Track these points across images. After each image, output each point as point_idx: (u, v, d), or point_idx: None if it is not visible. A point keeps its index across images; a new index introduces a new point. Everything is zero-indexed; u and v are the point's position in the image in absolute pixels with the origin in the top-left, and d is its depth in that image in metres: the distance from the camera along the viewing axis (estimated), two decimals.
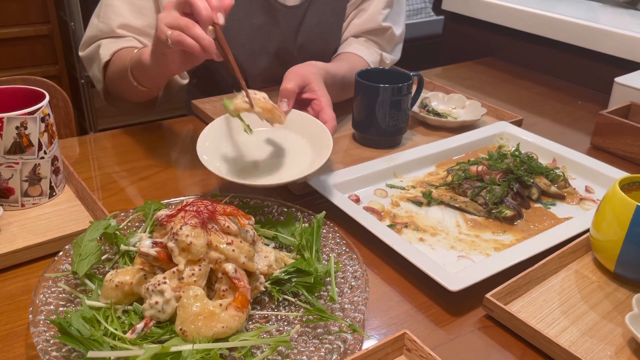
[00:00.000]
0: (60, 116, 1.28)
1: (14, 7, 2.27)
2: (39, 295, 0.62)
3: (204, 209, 0.64)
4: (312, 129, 0.91)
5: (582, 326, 0.65)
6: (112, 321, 0.59)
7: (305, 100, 0.97)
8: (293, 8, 1.18)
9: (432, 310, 0.69)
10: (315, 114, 0.95)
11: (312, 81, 0.96)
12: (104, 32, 1.05)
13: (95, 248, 0.66)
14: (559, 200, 0.91)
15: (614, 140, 1.10)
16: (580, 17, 1.51)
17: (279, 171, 0.86)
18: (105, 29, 1.05)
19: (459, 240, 0.80)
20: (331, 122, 0.92)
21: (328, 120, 0.92)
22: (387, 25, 1.26)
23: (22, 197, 0.81)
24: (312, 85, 0.96)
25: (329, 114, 0.93)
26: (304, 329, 0.61)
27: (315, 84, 0.96)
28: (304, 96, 0.96)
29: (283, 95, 0.93)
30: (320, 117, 0.93)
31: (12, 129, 0.76)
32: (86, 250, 0.65)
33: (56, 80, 2.38)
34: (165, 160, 1.01)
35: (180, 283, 0.60)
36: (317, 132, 0.90)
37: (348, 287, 0.67)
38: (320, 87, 0.96)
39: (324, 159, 0.82)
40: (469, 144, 1.05)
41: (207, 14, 0.77)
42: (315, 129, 0.90)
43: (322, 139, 0.88)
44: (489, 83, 1.49)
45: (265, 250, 0.68)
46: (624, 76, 1.23)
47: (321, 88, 0.96)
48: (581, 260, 0.77)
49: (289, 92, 0.92)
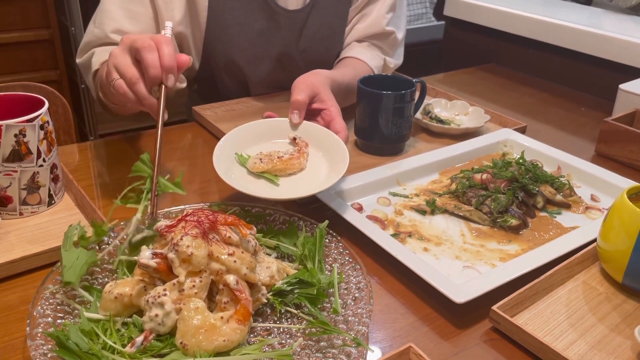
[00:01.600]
0: (59, 123, 1.27)
1: (14, 11, 2.26)
2: (37, 307, 0.60)
3: (204, 219, 0.63)
4: (327, 142, 0.90)
5: (591, 339, 0.64)
6: (111, 334, 0.58)
7: (315, 110, 0.96)
8: (295, 12, 1.18)
9: (437, 322, 0.67)
10: (326, 124, 0.94)
11: (321, 91, 0.96)
12: (99, 38, 1.04)
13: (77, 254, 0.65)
14: (565, 208, 0.90)
15: (619, 148, 1.08)
16: (584, 23, 1.51)
17: (296, 184, 0.85)
18: (100, 34, 1.04)
19: (464, 250, 0.79)
20: (343, 132, 0.92)
21: (340, 130, 0.92)
22: (390, 30, 1.25)
23: (20, 206, 0.80)
24: (322, 95, 0.95)
25: (340, 123, 0.93)
26: (306, 342, 0.60)
27: (325, 94, 0.96)
28: (313, 106, 0.96)
29: (294, 107, 0.92)
30: (331, 127, 0.92)
31: (11, 137, 0.75)
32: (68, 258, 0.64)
33: (56, 85, 2.38)
34: (166, 167, 1.00)
35: (180, 295, 0.59)
36: (333, 145, 0.89)
37: (352, 298, 0.65)
38: (330, 97, 0.96)
39: (340, 173, 0.82)
40: (473, 151, 1.04)
41: (155, 74, 0.74)
42: (331, 142, 0.90)
43: (338, 153, 0.87)
44: (492, 89, 1.48)
45: (267, 260, 0.67)
46: (628, 83, 1.22)
47: (330, 97, 0.96)
48: (588, 270, 0.75)
49: (301, 104, 0.92)
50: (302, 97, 0.92)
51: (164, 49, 0.74)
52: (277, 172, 0.86)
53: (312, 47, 1.23)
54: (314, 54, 1.24)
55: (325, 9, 1.21)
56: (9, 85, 1.19)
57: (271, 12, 1.16)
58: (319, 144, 0.90)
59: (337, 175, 0.82)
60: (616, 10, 1.70)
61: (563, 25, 1.52)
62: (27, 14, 2.29)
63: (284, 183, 0.85)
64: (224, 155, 0.86)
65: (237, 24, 1.14)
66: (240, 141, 0.90)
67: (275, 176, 0.85)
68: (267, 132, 0.92)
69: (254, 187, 0.83)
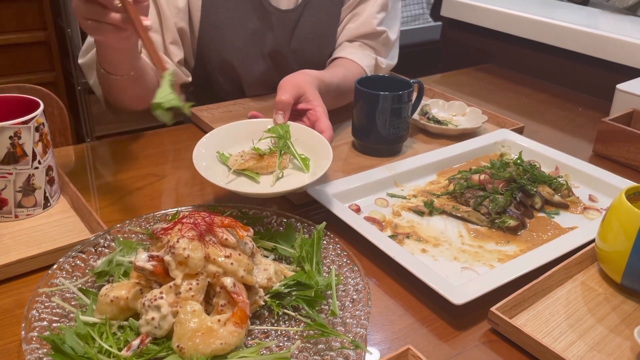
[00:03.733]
0: (55, 124, 1.26)
1: (10, 13, 2.25)
2: (32, 310, 0.60)
3: (201, 221, 0.62)
4: (310, 141, 0.89)
5: (590, 340, 0.64)
6: (107, 338, 0.57)
7: (301, 110, 0.95)
8: (287, 12, 1.18)
9: (435, 324, 0.67)
10: (312, 124, 0.93)
11: (307, 91, 0.95)
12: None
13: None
14: (563, 209, 0.89)
15: (617, 148, 1.08)
16: (581, 23, 1.51)
17: (279, 181, 0.84)
18: None
19: (462, 251, 0.79)
20: (328, 132, 0.91)
21: (325, 130, 0.91)
22: (381, 29, 1.25)
23: (15, 208, 0.79)
24: (307, 95, 0.94)
25: (325, 123, 0.92)
26: (304, 345, 0.60)
27: (310, 94, 0.95)
28: (299, 106, 0.95)
29: (279, 108, 0.91)
30: (316, 127, 0.92)
31: (6, 139, 0.75)
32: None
33: (53, 87, 2.37)
34: (162, 169, 0.99)
35: (177, 298, 0.58)
36: (317, 143, 0.88)
37: (349, 300, 0.65)
38: (316, 97, 0.95)
39: (323, 169, 0.81)
40: (471, 151, 1.04)
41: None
42: (314, 141, 0.89)
43: (322, 150, 0.86)
44: (489, 90, 1.48)
45: (265, 262, 0.67)
46: (625, 83, 1.22)
47: (316, 98, 0.95)
48: (587, 271, 0.75)
49: (285, 104, 0.91)
50: (286, 97, 0.91)
51: None
52: (259, 169, 0.85)
53: (304, 47, 1.22)
54: (306, 54, 1.23)
55: (318, 9, 1.20)
56: (4, 87, 1.18)
57: (264, 12, 1.15)
58: (302, 144, 0.89)
59: (321, 170, 0.81)
60: (613, 11, 1.70)
61: (560, 25, 1.52)
62: (23, 16, 2.28)
63: (266, 181, 0.84)
64: (206, 154, 0.85)
65: (230, 23, 1.14)
66: (222, 140, 0.89)
67: (257, 174, 0.84)
68: (250, 133, 0.91)
69: (235, 185, 0.82)
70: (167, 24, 1.08)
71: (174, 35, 1.10)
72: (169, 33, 1.09)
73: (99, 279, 0.66)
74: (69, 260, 0.68)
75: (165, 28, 1.09)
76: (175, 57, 1.12)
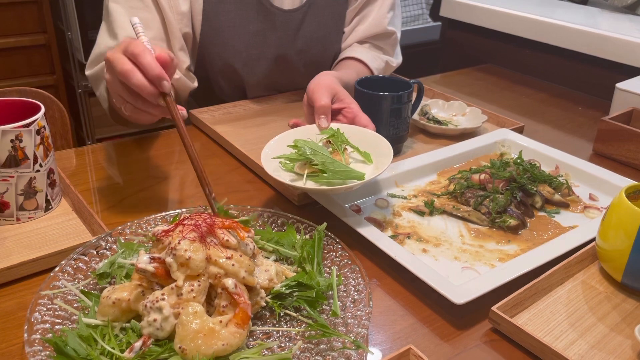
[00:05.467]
0: (56, 127, 1.26)
1: (11, 16, 2.26)
2: (34, 313, 0.60)
3: (202, 223, 0.62)
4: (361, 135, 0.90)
5: (591, 339, 0.64)
6: (109, 339, 0.58)
7: (335, 110, 0.96)
8: (290, 12, 1.18)
9: (437, 323, 0.67)
10: (350, 121, 0.94)
11: (338, 91, 0.96)
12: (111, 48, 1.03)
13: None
14: (563, 208, 0.90)
15: (617, 147, 1.08)
16: (580, 22, 1.51)
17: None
18: (111, 45, 1.02)
19: (463, 251, 0.79)
20: (370, 125, 0.92)
21: (367, 124, 0.92)
22: (392, 30, 1.26)
23: (17, 211, 0.80)
24: (339, 95, 0.96)
25: (364, 118, 0.93)
26: (306, 345, 0.60)
27: (342, 93, 0.96)
28: (333, 107, 0.95)
29: (321, 112, 0.92)
30: (356, 123, 0.93)
31: (7, 142, 0.75)
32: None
33: (53, 90, 2.37)
34: (164, 171, 1.00)
35: (179, 299, 0.58)
36: (368, 137, 0.90)
37: (351, 300, 0.65)
38: (346, 95, 0.96)
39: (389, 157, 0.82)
40: (471, 151, 1.04)
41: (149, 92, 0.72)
42: (364, 135, 0.90)
43: (375, 141, 0.88)
44: (489, 90, 1.48)
45: (266, 263, 0.67)
46: (625, 82, 1.22)
47: (347, 95, 0.96)
48: (587, 270, 0.75)
49: (326, 108, 0.92)
50: (325, 101, 0.92)
51: (142, 61, 0.71)
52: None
53: (309, 48, 1.23)
54: (311, 55, 1.24)
55: (322, 9, 1.21)
56: (5, 91, 1.19)
57: (266, 13, 1.15)
58: (361, 143, 0.90)
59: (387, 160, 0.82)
60: (612, 10, 1.70)
61: (559, 24, 1.52)
62: (23, 19, 2.29)
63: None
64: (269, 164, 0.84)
65: (231, 26, 1.14)
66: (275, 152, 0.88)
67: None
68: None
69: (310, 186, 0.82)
70: (173, 31, 1.07)
71: (180, 42, 1.09)
72: (176, 40, 1.08)
73: (100, 281, 0.66)
74: (71, 262, 0.68)
75: (172, 35, 1.08)
76: (184, 64, 1.12)
